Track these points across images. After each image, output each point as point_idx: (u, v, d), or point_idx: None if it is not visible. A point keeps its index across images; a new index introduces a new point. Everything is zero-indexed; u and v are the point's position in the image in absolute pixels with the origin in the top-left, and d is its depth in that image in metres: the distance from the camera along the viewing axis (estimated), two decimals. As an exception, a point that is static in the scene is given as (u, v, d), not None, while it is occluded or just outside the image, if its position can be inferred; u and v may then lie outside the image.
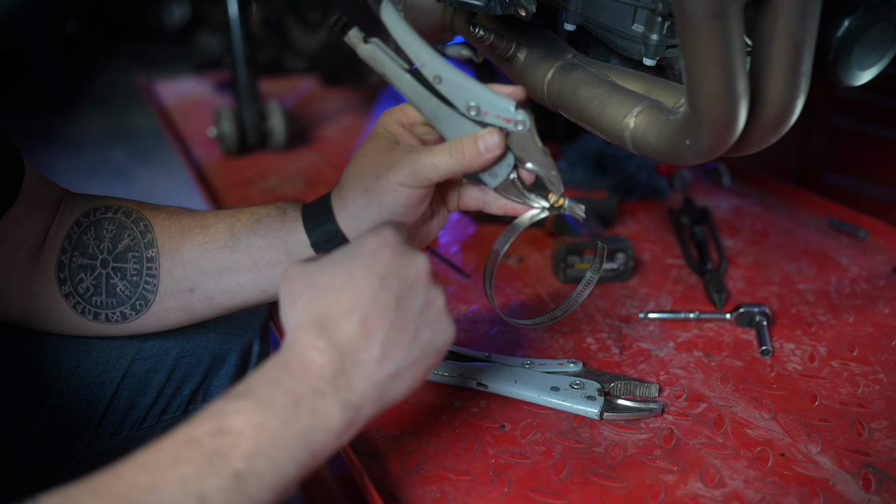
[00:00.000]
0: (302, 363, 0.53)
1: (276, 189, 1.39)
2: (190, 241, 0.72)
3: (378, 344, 0.54)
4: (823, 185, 1.53)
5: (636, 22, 0.70)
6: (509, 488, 0.66)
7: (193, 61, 2.46)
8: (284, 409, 0.51)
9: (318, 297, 0.55)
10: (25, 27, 4.02)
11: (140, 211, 0.74)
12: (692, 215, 1.22)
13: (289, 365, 0.53)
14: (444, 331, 0.58)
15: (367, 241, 0.57)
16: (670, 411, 0.77)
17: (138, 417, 0.85)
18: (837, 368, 0.85)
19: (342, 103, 1.95)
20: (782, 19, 0.54)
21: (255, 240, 0.71)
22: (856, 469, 0.69)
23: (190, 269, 0.72)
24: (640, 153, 0.69)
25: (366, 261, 0.56)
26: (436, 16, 0.95)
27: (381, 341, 0.54)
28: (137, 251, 0.73)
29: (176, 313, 0.74)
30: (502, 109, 0.63)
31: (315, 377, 0.52)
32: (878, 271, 1.08)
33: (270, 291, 0.73)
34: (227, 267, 0.71)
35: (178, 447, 0.48)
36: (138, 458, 0.48)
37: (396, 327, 0.55)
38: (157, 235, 0.73)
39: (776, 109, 0.60)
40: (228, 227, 0.72)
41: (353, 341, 0.54)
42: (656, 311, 0.95)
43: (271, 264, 0.71)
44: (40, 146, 3.80)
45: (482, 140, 0.64)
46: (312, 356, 0.53)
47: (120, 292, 0.73)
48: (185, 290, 0.73)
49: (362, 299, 0.54)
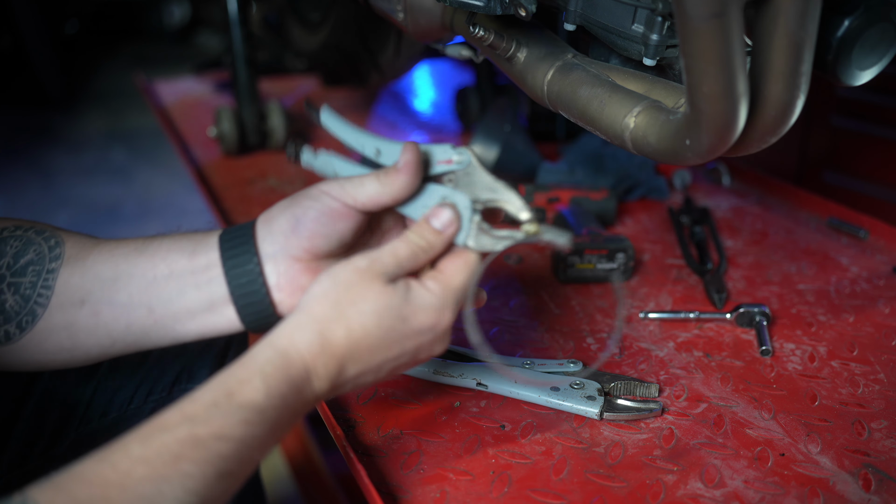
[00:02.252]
0: (303, 382, 0.57)
1: (276, 189, 1.39)
2: (100, 250, 0.69)
3: (354, 385, 0.62)
4: (823, 185, 1.53)
5: (636, 22, 0.70)
6: (509, 488, 0.66)
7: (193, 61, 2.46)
8: (280, 425, 0.56)
9: (346, 333, 0.59)
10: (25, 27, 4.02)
11: (55, 232, 0.70)
12: (692, 215, 1.22)
13: (293, 382, 0.57)
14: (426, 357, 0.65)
15: (429, 310, 0.61)
16: (670, 411, 0.77)
17: (126, 398, 0.86)
18: (837, 368, 0.85)
19: (342, 103, 1.95)
20: (782, 19, 0.54)
21: (167, 242, 0.69)
22: (856, 469, 0.69)
23: (88, 276, 0.68)
24: (640, 153, 0.69)
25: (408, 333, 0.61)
26: (436, 16, 0.95)
27: (357, 384, 0.62)
28: (40, 265, 0.68)
29: (59, 334, 0.68)
30: (441, 153, 0.67)
31: (309, 398, 0.58)
32: (878, 271, 1.08)
33: (158, 311, 0.68)
34: (126, 272, 0.68)
35: (182, 446, 0.50)
36: (135, 451, 0.49)
37: (377, 376, 0.63)
38: (66, 249, 0.68)
39: (776, 109, 0.60)
40: (147, 238, 0.70)
41: (346, 381, 0.60)
42: (656, 311, 0.95)
43: (170, 271, 0.67)
44: (40, 146, 3.80)
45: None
46: (314, 382, 0.58)
47: (9, 308, 0.67)
48: (77, 302, 0.68)
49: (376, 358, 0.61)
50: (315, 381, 0.58)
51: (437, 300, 0.61)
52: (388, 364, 0.62)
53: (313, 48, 1.83)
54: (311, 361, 0.58)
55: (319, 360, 0.58)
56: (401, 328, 0.60)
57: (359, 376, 0.61)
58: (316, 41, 1.81)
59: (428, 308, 0.61)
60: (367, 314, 0.59)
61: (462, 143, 1.64)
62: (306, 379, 0.57)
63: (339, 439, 0.71)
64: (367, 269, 0.60)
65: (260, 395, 0.54)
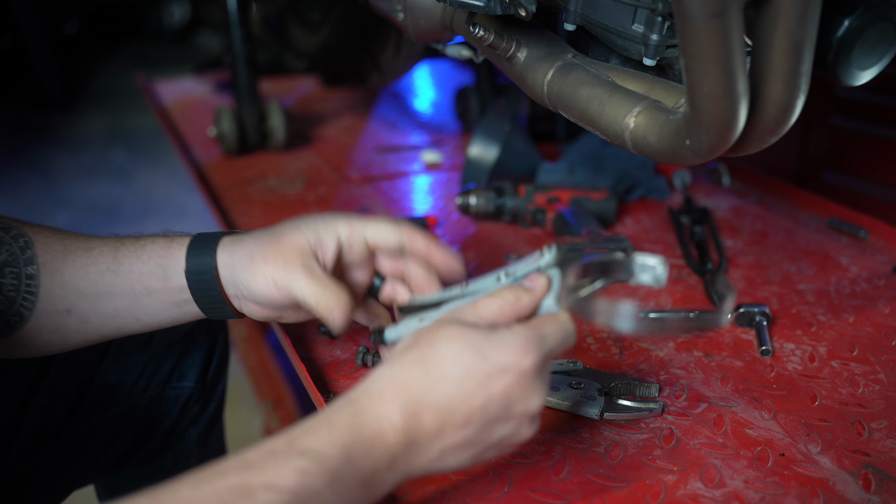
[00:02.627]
0: (374, 436, 0.52)
1: (276, 189, 1.39)
2: (73, 262, 0.70)
3: (441, 448, 0.55)
4: (823, 185, 1.53)
5: (636, 22, 0.70)
6: (509, 488, 0.66)
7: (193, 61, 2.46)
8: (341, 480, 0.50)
9: (423, 372, 0.54)
10: (25, 27, 4.02)
11: (20, 227, 0.71)
12: (692, 215, 1.22)
13: (361, 432, 0.52)
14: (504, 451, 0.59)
15: (511, 347, 0.56)
16: (670, 411, 0.77)
17: (125, 392, 0.90)
18: (837, 368, 0.85)
19: (342, 103, 1.95)
20: (782, 19, 0.54)
21: (137, 265, 0.70)
22: (856, 469, 0.69)
23: (70, 289, 0.70)
24: (640, 153, 0.69)
25: (490, 372, 0.55)
26: (436, 16, 0.95)
27: (445, 446, 0.55)
28: (16, 267, 0.69)
29: (49, 334, 0.71)
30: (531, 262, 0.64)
31: (380, 455, 0.52)
32: (878, 271, 1.08)
33: (145, 320, 0.72)
34: (107, 291, 0.70)
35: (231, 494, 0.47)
36: (185, 494, 0.47)
37: (467, 444, 0.56)
38: (37, 252, 0.70)
39: (776, 109, 0.60)
40: (112, 250, 0.71)
41: (426, 436, 0.54)
42: (656, 311, 0.95)
43: (148, 291, 0.70)
44: (40, 146, 3.80)
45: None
46: (386, 433, 0.53)
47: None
48: (63, 311, 0.70)
49: (457, 405, 0.54)
50: (388, 431, 0.52)
51: (520, 339, 0.56)
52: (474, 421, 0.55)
53: (313, 48, 1.84)
54: (384, 408, 0.53)
55: (392, 407, 0.53)
56: (481, 366, 0.54)
57: (441, 433, 0.54)
58: (316, 41, 1.81)
59: (509, 344, 0.56)
60: (444, 354, 0.55)
61: (462, 143, 1.64)
62: (377, 428, 0.52)
63: (339, 439, 0.71)
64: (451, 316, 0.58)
65: (320, 444, 0.50)
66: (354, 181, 1.44)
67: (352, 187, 1.41)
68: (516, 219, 1.21)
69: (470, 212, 1.21)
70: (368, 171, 1.50)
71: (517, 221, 1.21)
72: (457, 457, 0.56)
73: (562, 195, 1.18)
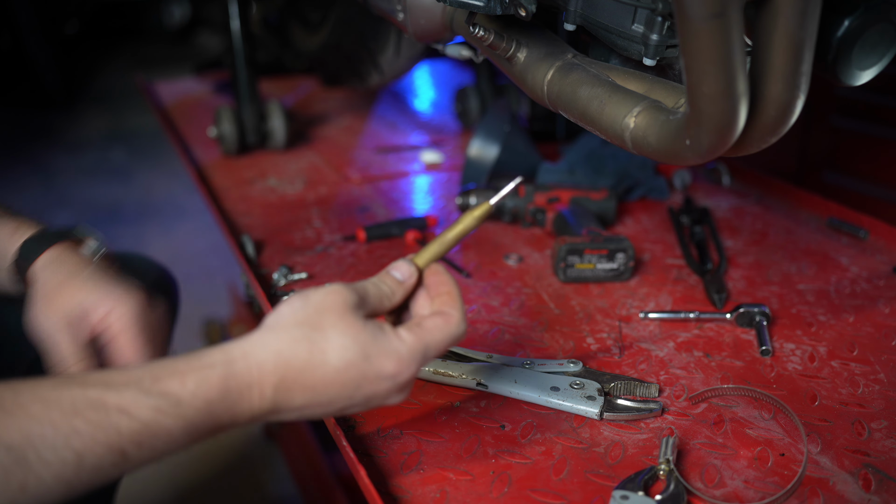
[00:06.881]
0: (241, 398, 0.55)
1: (276, 189, 1.39)
2: None
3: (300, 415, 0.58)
4: (823, 185, 1.53)
5: (636, 22, 0.70)
6: (509, 488, 0.66)
7: (193, 61, 2.46)
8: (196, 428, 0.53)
9: (307, 353, 0.56)
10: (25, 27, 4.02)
11: None
12: (692, 215, 1.22)
13: (229, 394, 0.54)
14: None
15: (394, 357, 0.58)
16: (670, 411, 0.77)
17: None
18: (837, 368, 0.85)
19: (342, 103, 1.95)
20: (782, 19, 0.54)
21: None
22: (856, 469, 0.69)
23: None
24: (640, 153, 0.69)
25: (367, 373, 0.58)
26: (436, 16, 0.95)
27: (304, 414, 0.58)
28: None
29: None
30: None
31: (242, 414, 0.55)
32: (878, 271, 1.08)
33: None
34: None
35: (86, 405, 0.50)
36: (42, 390, 0.50)
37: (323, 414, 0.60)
38: None
39: (776, 109, 0.60)
40: None
41: (290, 408, 0.57)
42: (656, 311, 0.95)
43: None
44: (40, 146, 3.80)
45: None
46: (254, 400, 0.55)
47: None
48: None
49: (326, 391, 0.57)
50: (256, 399, 0.55)
51: (407, 351, 0.59)
52: (337, 402, 0.58)
53: (313, 48, 1.83)
54: (260, 379, 0.55)
55: (269, 380, 0.55)
56: (362, 367, 0.57)
57: (304, 407, 0.58)
58: (316, 41, 1.81)
59: (393, 355, 0.58)
60: (331, 342, 0.57)
61: (462, 143, 1.64)
62: (246, 394, 0.55)
63: (338, 439, 0.71)
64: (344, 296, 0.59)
65: (184, 392, 0.53)
66: (354, 181, 1.44)
67: (352, 187, 1.41)
68: (516, 219, 1.21)
69: (470, 212, 1.21)
70: (368, 171, 1.50)
71: (517, 221, 1.21)
72: (305, 418, 0.60)
73: (562, 195, 1.18)
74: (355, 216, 1.27)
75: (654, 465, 0.67)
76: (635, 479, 0.65)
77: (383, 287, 0.63)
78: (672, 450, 0.68)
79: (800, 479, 0.66)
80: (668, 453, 0.67)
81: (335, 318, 0.58)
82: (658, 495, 0.64)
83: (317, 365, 0.56)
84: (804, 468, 0.68)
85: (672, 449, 0.68)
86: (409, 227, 1.18)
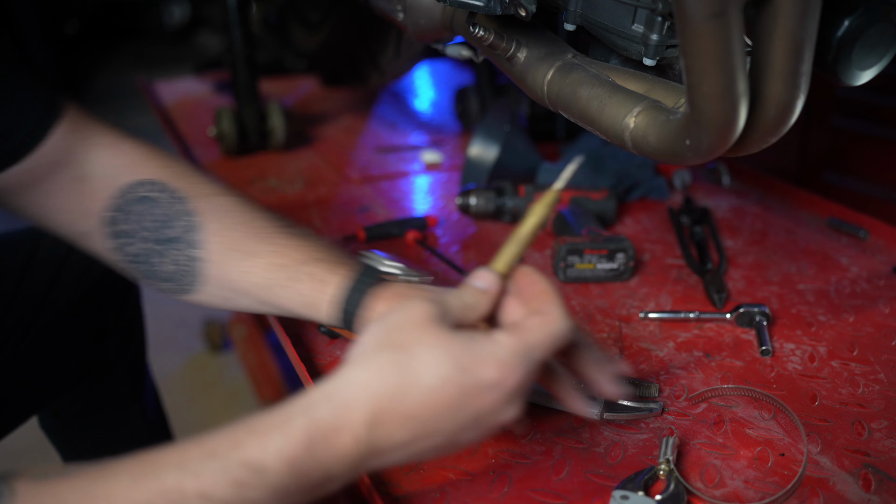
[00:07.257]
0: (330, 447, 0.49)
1: (276, 189, 1.39)
2: (232, 264, 0.76)
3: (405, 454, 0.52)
4: (823, 185, 1.53)
5: (636, 22, 0.70)
6: (509, 488, 0.66)
7: (193, 61, 2.46)
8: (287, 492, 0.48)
9: (396, 378, 0.50)
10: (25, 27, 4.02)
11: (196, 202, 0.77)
12: (692, 215, 1.22)
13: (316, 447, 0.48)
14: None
15: (494, 363, 0.51)
16: (670, 411, 0.77)
17: None
18: (837, 368, 0.85)
19: (342, 103, 1.95)
20: (782, 19, 0.54)
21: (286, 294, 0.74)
22: (856, 469, 0.69)
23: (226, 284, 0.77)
24: (640, 153, 0.69)
25: (468, 387, 0.51)
26: (436, 16, 0.95)
27: (409, 452, 0.52)
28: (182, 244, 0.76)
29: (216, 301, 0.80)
30: None
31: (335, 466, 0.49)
32: (878, 271, 1.08)
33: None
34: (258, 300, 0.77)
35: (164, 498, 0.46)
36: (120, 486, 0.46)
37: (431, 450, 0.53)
38: (205, 239, 0.76)
39: (776, 109, 0.60)
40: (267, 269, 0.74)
41: (391, 446, 0.51)
42: (656, 311, 0.95)
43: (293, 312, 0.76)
44: (40, 146, 3.80)
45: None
46: (347, 445, 0.49)
47: (164, 271, 0.77)
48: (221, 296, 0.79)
49: (426, 416, 0.50)
50: (349, 443, 0.49)
51: (507, 353, 0.52)
52: (444, 429, 0.51)
53: (313, 48, 1.84)
54: (349, 419, 0.49)
55: (359, 418, 0.49)
56: (459, 380, 0.50)
57: (408, 443, 0.51)
58: (316, 41, 1.81)
59: (492, 360, 0.51)
60: (421, 360, 0.50)
61: (462, 143, 1.65)
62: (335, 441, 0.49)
63: (339, 439, 0.71)
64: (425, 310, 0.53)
65: (266, 456, 0.47)
66: (354, 181, 1.44)
67: (352, 187, 1.41)
68: (516, 219, 1.21)
69: (470, 212, 1.21)
70: (368, 171, 1.50)
71: (517, 221, 1.21)
72: (416, 457, 0.53)
73: (562, 195, 1.18)
74: (355, 216, 1.27)
75: (654, 465, 0.67)
76: (635, 479, 0.65)
77: (466, 297, 0.57)
78: (672, 450, 0.68)
79: (800, 479, 0.66)
80: (668, 453, 0.67)
81: (419, 332, 0.52)
82: (658, 495, 0.64)
83: (410, 388, 0.50)
84: (804, 468, 0.68)
85: (672, 449, 0.68)
86: (410, 226, 1.18)
